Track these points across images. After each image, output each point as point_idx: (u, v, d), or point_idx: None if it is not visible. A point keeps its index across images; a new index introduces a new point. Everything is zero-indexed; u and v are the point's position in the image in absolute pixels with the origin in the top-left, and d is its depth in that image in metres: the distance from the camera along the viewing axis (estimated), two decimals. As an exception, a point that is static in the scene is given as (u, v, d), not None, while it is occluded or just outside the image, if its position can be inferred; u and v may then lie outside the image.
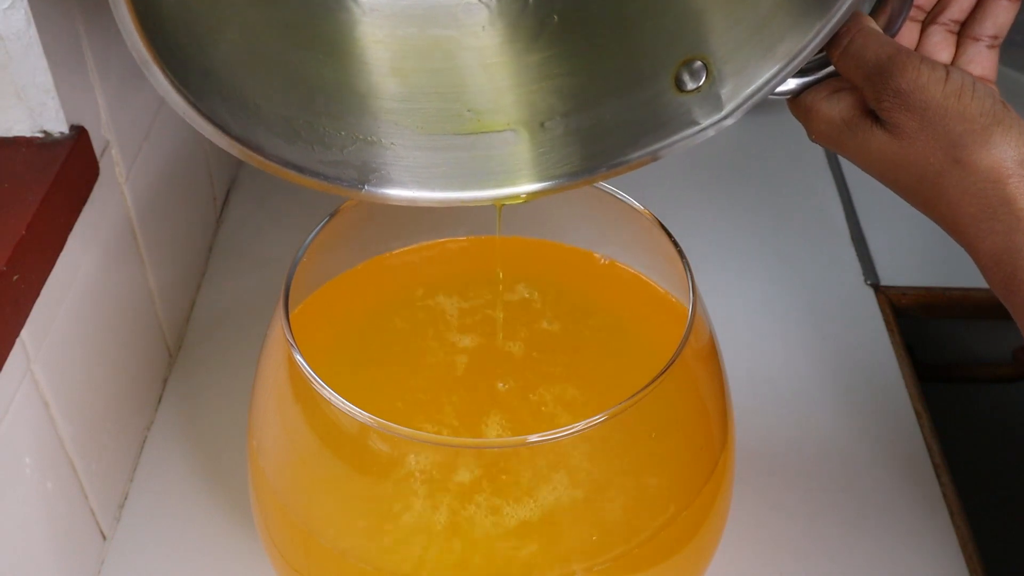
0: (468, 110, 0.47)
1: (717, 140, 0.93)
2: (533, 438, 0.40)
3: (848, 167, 0.90)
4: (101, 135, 0.57)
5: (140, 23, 0.37)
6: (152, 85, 0.41)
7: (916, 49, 0.48)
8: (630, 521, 0.45)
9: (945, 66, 0.44)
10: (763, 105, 1.01)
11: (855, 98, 0.46)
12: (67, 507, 0.56)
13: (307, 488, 0.45)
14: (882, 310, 0.75)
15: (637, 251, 0.55)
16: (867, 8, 0.47)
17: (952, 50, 0.49)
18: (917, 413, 0.69)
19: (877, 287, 0.78)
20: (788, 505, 0.63)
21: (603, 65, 0.47)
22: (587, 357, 0.56)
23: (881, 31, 0.46)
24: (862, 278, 0.79)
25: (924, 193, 0.45)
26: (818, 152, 0.92)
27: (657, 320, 0.55)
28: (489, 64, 0.46)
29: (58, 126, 0.52)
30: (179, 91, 0.40)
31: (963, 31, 0.49)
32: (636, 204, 0.50)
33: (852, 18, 0.45)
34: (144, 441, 0.67)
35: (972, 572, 0.60)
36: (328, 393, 0.41)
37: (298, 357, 0.42)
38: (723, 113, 0.48)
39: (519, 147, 0.47)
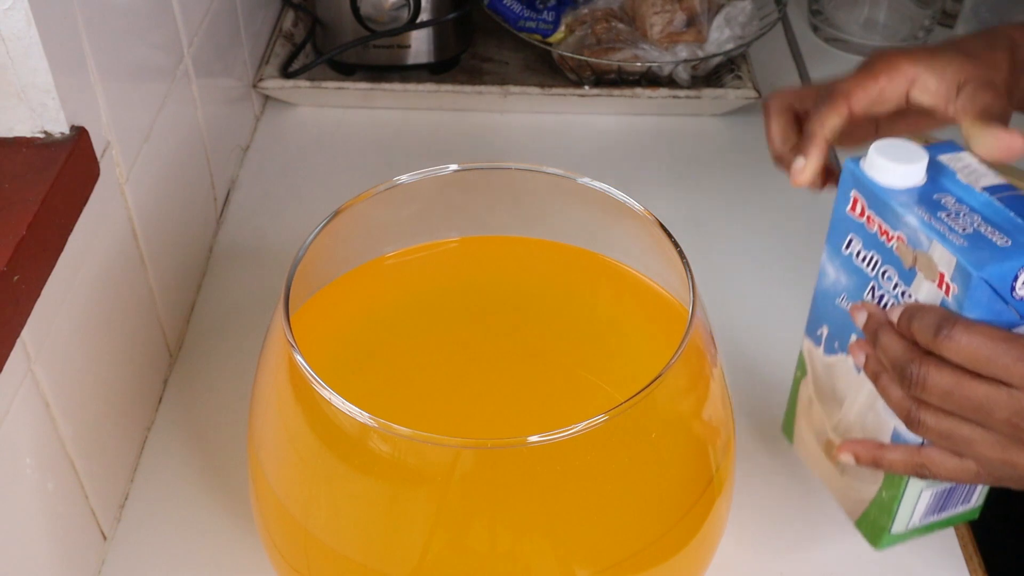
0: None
1: (718, 140, 0.94)
2: (533, 438, 0.40)
3: (848, 167, 0.90)
4: (102, 136, 0.58)
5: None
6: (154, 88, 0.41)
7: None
8: (630, 521, 0.45)
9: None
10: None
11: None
12: (67, 507, 0.56)
13: (307, 488, 0.45)
14: (882, 310, 0.75)
15: (637, 251, 0.55)
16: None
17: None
18: (917, 413, 0.69)
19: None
20: (788, 505, 0.63)
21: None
22: (587, 357, 0.56)
23: None
24: (862, 278, 0.79)
25: None
26: (818, 152, 0.92)
27: (657, 320, 0.55)
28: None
29: (59, 127, 0.52)
30: None
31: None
32: (636, 204, 0.50)
33: None
34: (144, 441, 0.67)
35: (972, 572, 0.60)
36: (328, 393, 0.41)
37: (298, 357, 0.42)
38: None
39: None
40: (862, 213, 0.48)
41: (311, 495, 0.45)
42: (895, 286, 0.47)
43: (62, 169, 0.51)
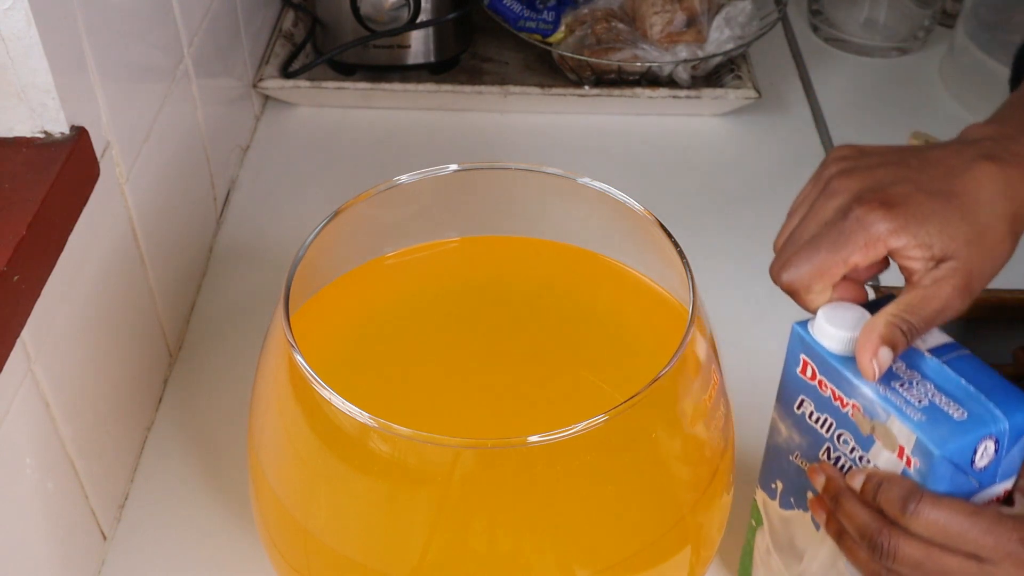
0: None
1: (717, 140, 0.94)
2: (533, 438, 0.40)
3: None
4: (102, 136, 0.58)
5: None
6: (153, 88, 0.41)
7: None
8: (630, 521, 0.45)
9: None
10: (763, 105, 1.01)
11: None
12: (67, 507, 0.56)
13: (307, 488, 0.45)
14: (882, 310, 0.75)
15: (637, 251, 0.55)
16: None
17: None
18: (917, 413, 0.68)
19: (877, 287, 0.78)
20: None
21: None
22: (587, 357, 0.56)
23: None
24: (862, 278, 0.79)
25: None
26: (818, 152, 0.92)
27: (657, 320, 0.55)
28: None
29: (59, 127, 0.52)
30: None
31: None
32: (636, 204, 0.50)
33: None
34: (144, 441, 0.67)
35: (972, 572, 0.60)
36: (328, 393, 0.41)
37: (298, 357, 0.42)
38: None
39: None
40: (813, 376, 0.48)
41: (311, 495, 0.45)
42: (852, 450, 0.47)
43: (62, 169, 0.51)
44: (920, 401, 0.44)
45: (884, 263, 0.47)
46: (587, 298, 0.58)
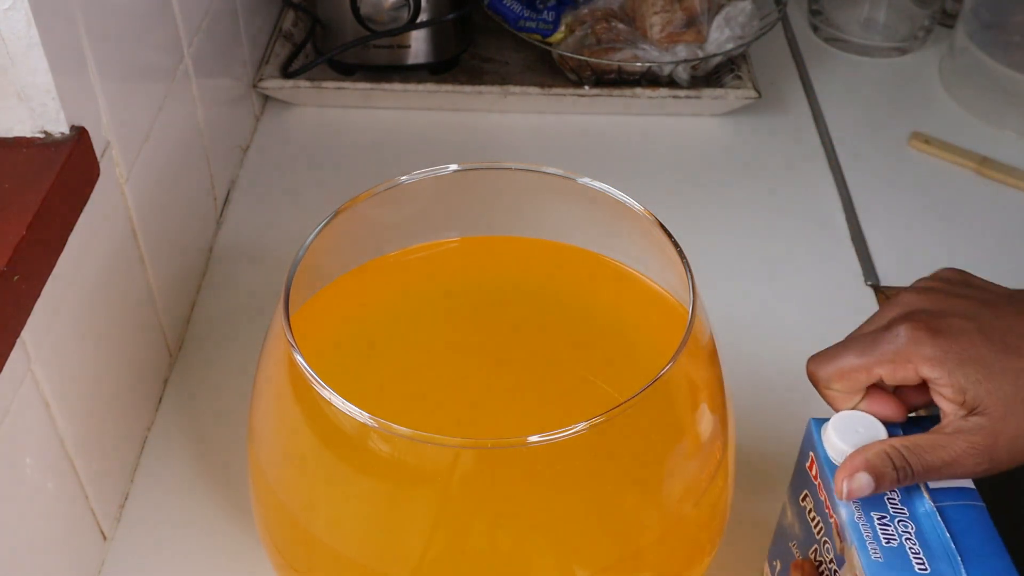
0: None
1: (717, 140, 0.94)
2: (533, 438, 0.40)
3: (848, 167, 0.90)
4: (102, 136, 0.58)
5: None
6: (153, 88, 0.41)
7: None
8: (629, 522, 0.45)
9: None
10: (763, 105, 1.01)
11: None
12: (67, 507, 0.56)
13: (307, 488, 0.45)
14: (882, 310, 0.75)
15: (637, 251, 0.55)
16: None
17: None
18: (917, 413, 0.69)
19: (877, 287, 0.78)
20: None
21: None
22: (587, 357, 0.56)
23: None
24: (862, 278, 0.79)
25: None
26: (818, 152, 0.92)
27: (657, 320, 0.55)
28: None
29: (59, 127, 0.52)
30: None
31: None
32: (636, 204, 0.50)
33: None
34: (144, 441, 0.67)
35: (972, 572, 0.60)
36: (328, 393, 0.41)
37: (298, 357, 0.42)
38: None
39: None
40: (816, 476, 0.47)
41: (311, 495, 0.45)
42: (831, 560, 0.45)
43: (62, 169, 0.51)
44: (890, 540, 0.42)
45: (926, 391, 0.45)
46: (587, 298, 0.58)
